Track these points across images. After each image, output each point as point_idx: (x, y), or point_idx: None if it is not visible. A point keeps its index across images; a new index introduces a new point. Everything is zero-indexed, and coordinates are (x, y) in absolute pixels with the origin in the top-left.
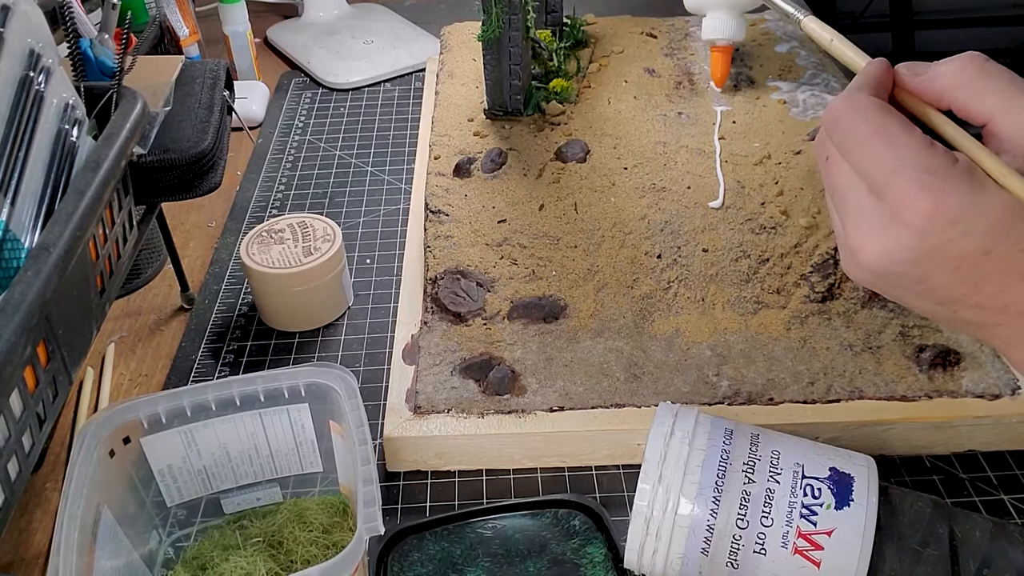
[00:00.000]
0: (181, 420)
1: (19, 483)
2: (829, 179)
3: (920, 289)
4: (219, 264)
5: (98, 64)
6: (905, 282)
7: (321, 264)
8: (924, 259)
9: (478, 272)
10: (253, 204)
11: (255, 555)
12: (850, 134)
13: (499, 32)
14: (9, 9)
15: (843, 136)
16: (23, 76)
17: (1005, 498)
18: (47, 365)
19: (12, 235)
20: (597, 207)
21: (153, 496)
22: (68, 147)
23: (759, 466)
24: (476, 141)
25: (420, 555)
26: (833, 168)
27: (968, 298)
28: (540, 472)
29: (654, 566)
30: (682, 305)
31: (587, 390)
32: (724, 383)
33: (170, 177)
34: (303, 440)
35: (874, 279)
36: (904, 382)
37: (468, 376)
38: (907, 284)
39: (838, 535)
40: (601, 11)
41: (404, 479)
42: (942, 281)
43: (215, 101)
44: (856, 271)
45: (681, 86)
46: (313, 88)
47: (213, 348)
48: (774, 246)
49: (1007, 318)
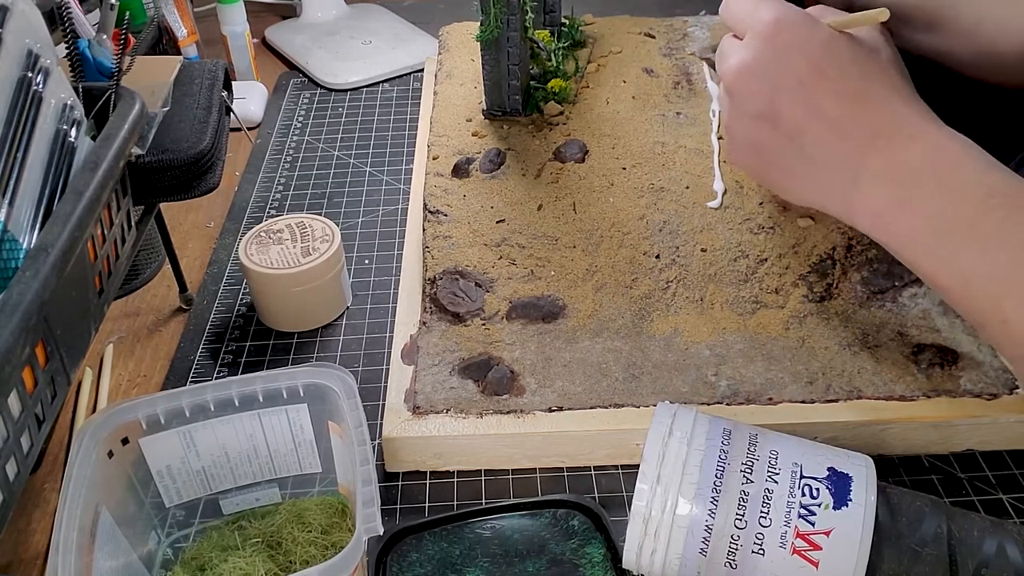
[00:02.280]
0: (180, 421)
1: (18, 484)
2: (721, 57)
3: (773, 116)
4: (217, 264)
5: (96, 64)
6: (760, 105)
7: (320, 264)
8: (774, 70)
9: (477, 272)
10: (251, 204)
11: (254, 556)
12: (732, 5)
13: (497, 32)
14: (7, 9)
15: (728, 10)
16: (21, 77)
17: (1003, 497)
18: (45, 366)
19: (10, 236)
20: (596, 207)
21: (152, 497)
22: (66, 147)
23: (757, 466)
24: (474, 141)
25: (419, 555)
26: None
27: (811, 124)
28: (539, 472)
29: (652, 566)
30: (681, 305)
31: (586, 390)
32: (723, 383)
33: (168, 177)
34: (302, 440)
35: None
36: (902, 382)
37: (467, 376)
38: (762, 108)
39: (836, 535)
40: (599, 11)
41: (403, 479)
42: (789, 103)
43: (213, 101)
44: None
45: (679, 86)
46: (311, 88)
47: (212, 348)
48: (772, 246)
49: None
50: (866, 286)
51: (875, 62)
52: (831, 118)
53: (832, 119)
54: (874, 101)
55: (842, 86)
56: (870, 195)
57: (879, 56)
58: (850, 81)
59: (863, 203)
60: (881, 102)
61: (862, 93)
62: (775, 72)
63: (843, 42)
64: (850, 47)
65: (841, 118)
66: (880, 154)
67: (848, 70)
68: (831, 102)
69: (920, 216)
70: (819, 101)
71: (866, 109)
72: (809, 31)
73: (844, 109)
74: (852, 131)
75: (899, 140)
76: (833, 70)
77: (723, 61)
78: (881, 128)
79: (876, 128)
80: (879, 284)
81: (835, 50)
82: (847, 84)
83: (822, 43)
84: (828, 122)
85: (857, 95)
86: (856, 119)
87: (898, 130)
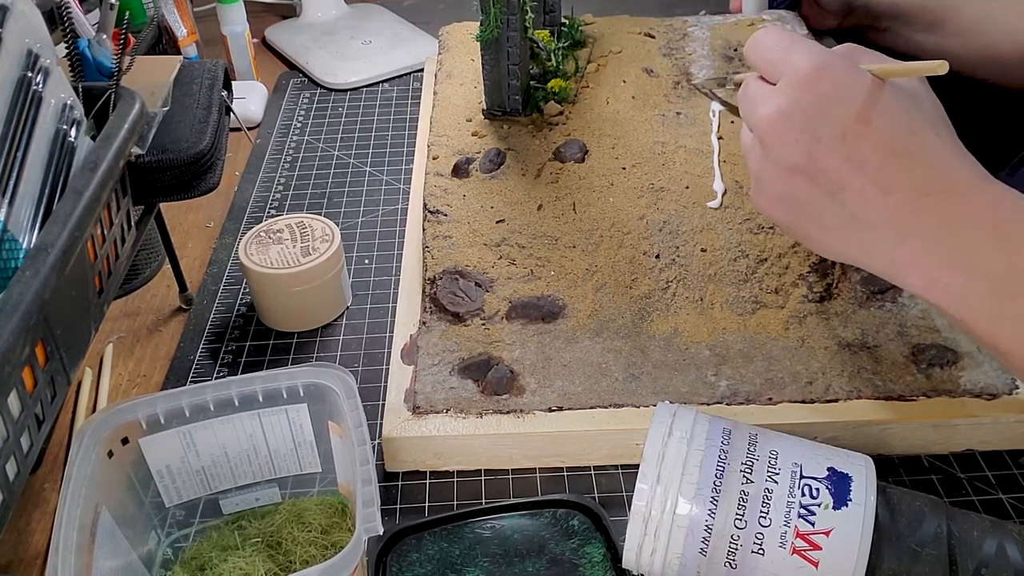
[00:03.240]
0: (180, 420)
1: (17, 484)
2: (745, 100)
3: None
4: (217, 264)
5: (96, 64)
6: (799, 158)
7: (320, 264)
8: (814, 120)
9: (477, 272)
10: (251, 204)
11: (254, 555)
12: (762, 45)
13: (497, 32)
14: (7, 9)
15: (756, 50)
16: (21, 76)
17: (1003, 497)
18: (45, 366)
19: (10, 235)
20: (595, 207)
21: (152, 496)
22: (66, 147)
23: (757, 466)
24: (474, 141)
25: (419, 555)
26: (748, 88)
27: (854, 179)
28: (539, 472)
29: (652, 566)
30: (680, 305)
31: (586, 390)
32: (723, 383)
33: (168, 177)
34: (302, 440)
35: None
36: (902, 381)
37: (467, 376)
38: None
39: (836, 535)
40: (599, 11)
41: (403, 479)
42: (831, 156)
43: (213, 101)
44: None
45: (679, 86)
46: (311, 88)
47: (211, 348)
48: (772, 246)
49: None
50: (866, 286)
51: (921, 113)
52: (875, 173)
53: (877, 174)
54: (921, 155)
55: (888, 139)
56: (920, 256)
57: (924, 107)
58: (896, 134)
59: (912, 264)
60: (929, 156)
61: (909, 147)
62: (815, 123)
63: (888, 92)
64: (895, 97)
65: (886, 173)
66: (930, 212)
67: (894, 122)
68: (876, 156)
69: (979, 276)
70: (863, 155)
71: (913, 164)
72: (852, 79)
73: (890, 164)
74: (898, 187)
75: (951, 197)
76: (878, 122)
77: (754, 107)
78: (930, 184)
79: (924, 184)
80: (879, 284)
81: (880, 100)
82: (893, 137)
83: (866, 92)
84: (872, 178)
85: (904, 149)
86: (903, 175)
87: (949, 186)
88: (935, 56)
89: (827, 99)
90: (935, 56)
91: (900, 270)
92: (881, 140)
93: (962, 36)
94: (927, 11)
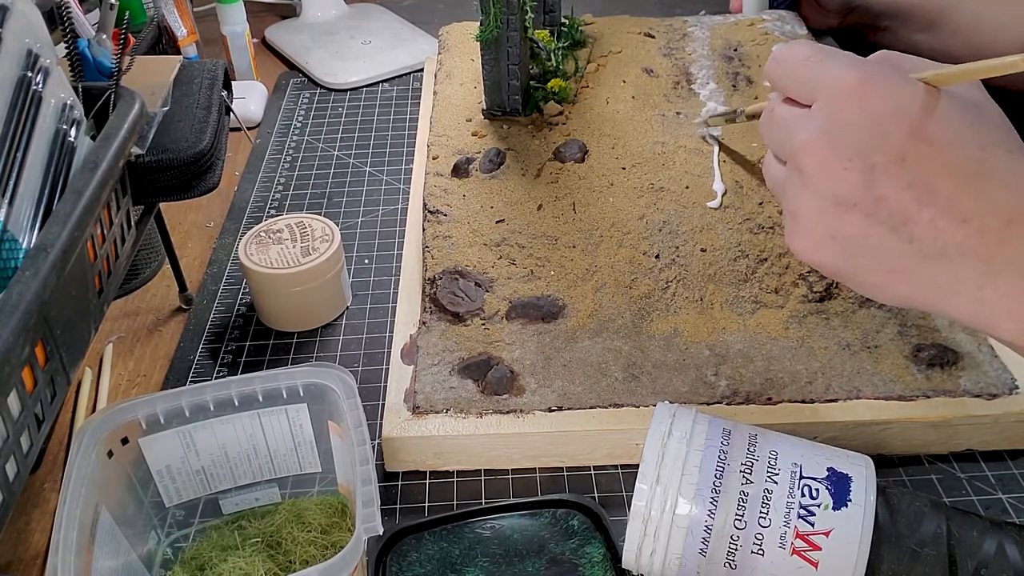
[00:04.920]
0: (179, 420)
1: (17, 484)
2: (770, 127)
3: (869, 202)
4: (217, 264)
5: (96, 64)
6: (851, 189)
7: (319, 264)
8: (866, 143)
9: (476, 272)
10: (251, 204)
11: (253, 555)
12: (788, 62)
13: (497, 32)
14: (7, 9)
15: (783, 68)
16: (21, 76)
17: (1003, 497)
18: (45, 365)
19: (10, 235)
20: (595, 207)
21: (151, 496)
22: (66, 147)
23: (757, 466)
24: (474, 141)
25: (419, 555)
26: (774, 114)
27: (922, 210)
28: (539, 472)
29: (652, 566)
30: (680, 305)
31: (585, 390)
32: (722, 383)
33: (168, 177)
34: (301, 440)
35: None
36: (902, 381)
37: (467, 376)
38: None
39: (836, 536)
40: (599, 11)
41: (403, 479)
42: (890, 184)
43: (213, 101)
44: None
45: (679, 86)
46: (311, 88)
47: (211, 348)
48: (772, 246)
49: (967, 236)
50: None
51: (988, 126)
52: (947, 201)
53: (948, 202)
54: (999, 174)
55: (956, 159)
56: (1014, 295)
57: (991, 119)
58: (965, 152)
59: (1004, 305)
60: (1007, 177)
61: (982, 166)
62: (867, 146)
63: (946, 102)
64: (956, 108)
65: (960, 200)
66: (1021, 240)
67: (960, 138)
68: (945, 180)
69: None
70: (929, 180)
71: (991, 186)
72: (904, 90)
73: (963, 188)
74: (977, 215)
75: None
76: (941, 139)
77: (788, 134)
78: (1015, 209)
79: (1008, 209)
80: None
81: (939, 113)
82: (962, 156)
83: (922, 106)
84: (944, 206)
85: (976, 170)
86: (980, 200)
87: None
88: (935, 57)
89: (878, 117)
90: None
91: (990, 313)
92: (948, 161)
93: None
94: (926, 10)
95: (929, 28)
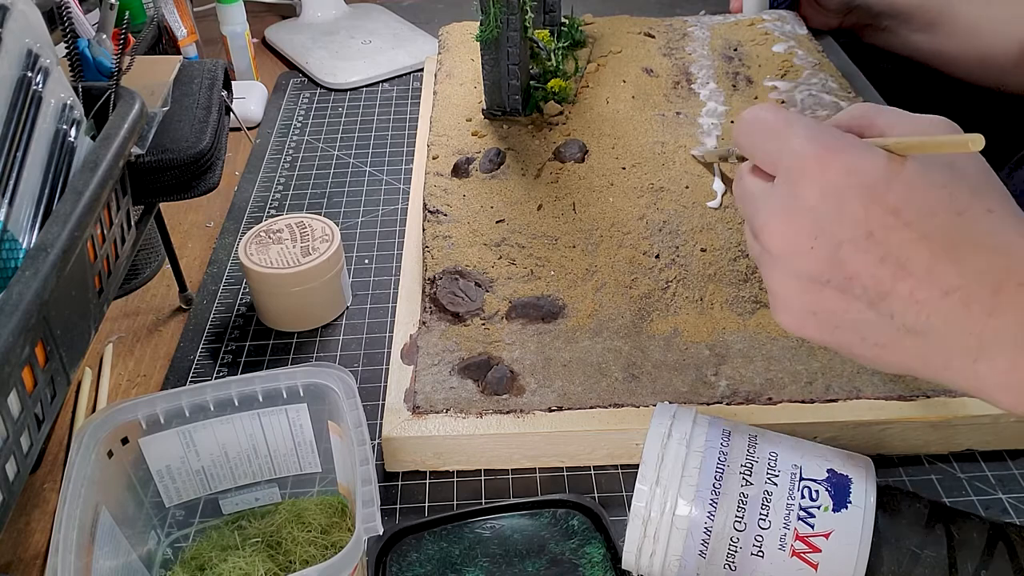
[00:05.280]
0: (179, 420)
1: (17, 484)
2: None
3: (842, 279)
4: (217, 264)
5: (96, 64)
6: (821, 267)
7: (319, 264)
8: (829, 220)
9: (476, 272)
10: (251, 204)
11: (253, 555)
12: (752, 130)
13: (497, 32)
14: (7, 9)
15: (747, 136)
16: (21, 76)
17: (1003, 497)
18: (45, 365)
19: (10, 235)
20: (595, 207)
21: (151, 496)
22: (66, 147)
23: (757, 468)
24: (474, 141)
25: (419, 555)
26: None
27: (898, 284)
28: (539, 472)
29: (652, 567)
30: (680, 305)
31: (585, 390)
32: (722, 383)
33: (168, 177)
34: (301, 440)
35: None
36: (902, 381)
37: (467, 376)
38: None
39: (836, 537)
40: (599, 11)
41: (403, 479)
42: (860, 260)
43: (213, 101)
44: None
45: (679, 86)
46: (311, 88)
47: (211, 348)
48: None
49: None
50: None
51: (964, 185)
52: (925, 273)
53: (927, 274)
54: (980, 239)
55: (930, 227)
56: (1008, 366)
57: (966, 176)
58: (937, 219)
59: (1000, 378)
60: (989, 238)
61: (960, 231)
62: (830, 223)
63: (911, 169)
64: (923, 174)
65: (939, 271)
66: (1012, 310)
67: (930, 205)
68: (920, 251)
69: None
70: (902, 253)
71: (972, 252)
72: (863, 161)
73: (941, 258)
74: (959, 285)
75: None
76: (911, 209)
77: (754, 210)
78: (1001, 273)
79: (993, 276)
80: None
81: (904, 182)
82: (936, 224)
83: (885, 176)
84: (922, 279)
85: (954, 236)
86: (962, 268)
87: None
88: (934, 57)
89: (838, 191)
90: (934, 57)
91: (985, 387)
92: (920, 230)
93: (960, 37)
94: (925, 10)
95: (929, 28)
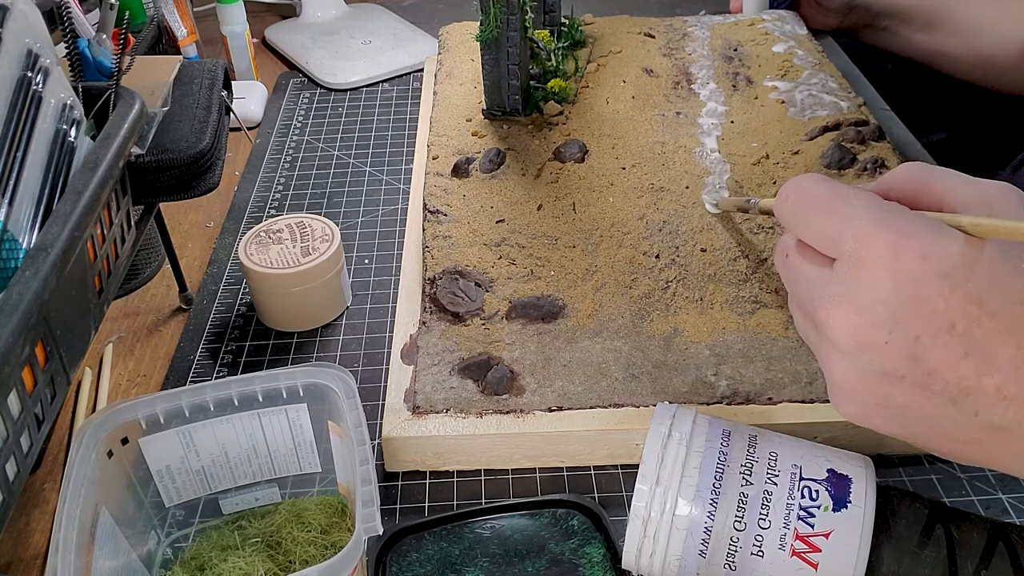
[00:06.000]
0: (179, 420)
1: (17, 484)
2: (790, 277)
3: (920, 375)
4: (217, 264)
5: (96, 64)
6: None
7: (319, 264)
8: (905, 313)
9: (476, 272)
10: (251, 204)
11: (253, 555)
12: (800, 206)
13: (497, 32)
14: (7, 9)
15: (794, 212)
16: (21, 76)
17: (1003, 497)
18: (45, 365)
19: (10, 235)
20: (595, 207)
21: (151, 496)
22: (66, 147)
23: (757, 468)
24: (474, 141)
25: (419, 555)
26: (791, 261)
27: (983, 380)
28: (539, 472)
29: (652, 567)
30: (680, 305)
31: (585, 390)
32: (722, 383)
33: (168, 177)
34: (301, 440)
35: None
36: None
37: (467, 376)
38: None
39: (836, 537)
40: (599, 11)
41: (403, 479)
42: (941, 355)
43: (213, 101)
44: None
45: (679, 86)
46: (311, 88)
47: (211, 348)
48: (772, 246)
49: None
50: None
51: None
52: (1012, 367)
53: (1015, 368)
54: None
55: (1016, 317)
56: None
57: None
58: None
59: None
60: None
61: None
62: (907, 316)
63: (991, 252)
64: (1003, 257)
65: None
66: None
67: (1017, 292)
68: (1006, 344)
69: None
70: (987, 346)
71: None
72: (939, 246)
73: None
74: None
75: None
76: (994, 298)
77: (810, 297)
78: None
79: None
80: None
81: (986, 267)
82: (1020, 313)
83: (964, 262)
84: (1009, 373)
85: None
86: None
87: None
88: (934, 57)
89: (915, 282)
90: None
91: None
92: (1006, 321)
93: (959, 37)
94: (925, 10)
95: (928, 28)
